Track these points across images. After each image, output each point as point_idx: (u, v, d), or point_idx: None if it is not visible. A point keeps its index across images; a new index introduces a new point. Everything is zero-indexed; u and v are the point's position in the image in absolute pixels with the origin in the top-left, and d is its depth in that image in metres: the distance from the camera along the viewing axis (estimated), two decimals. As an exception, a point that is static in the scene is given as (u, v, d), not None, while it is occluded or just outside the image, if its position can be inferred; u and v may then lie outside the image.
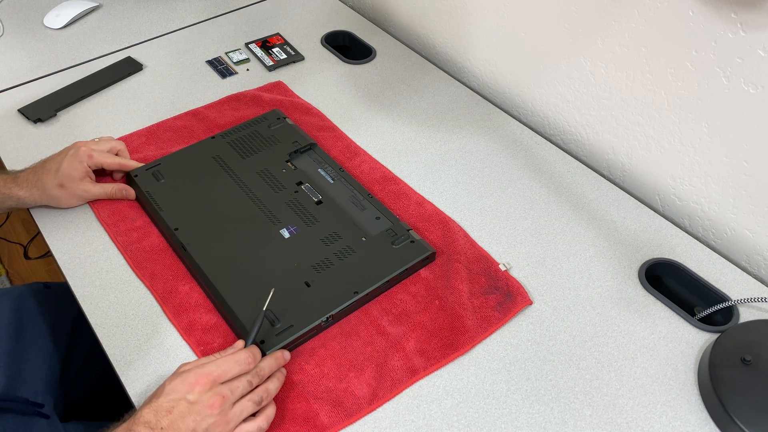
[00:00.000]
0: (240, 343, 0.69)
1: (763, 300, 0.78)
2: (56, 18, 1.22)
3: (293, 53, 1.18)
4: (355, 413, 0.68)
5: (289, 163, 0.93)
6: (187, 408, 0.58)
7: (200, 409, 0.59)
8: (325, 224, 0.84)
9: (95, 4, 1.27)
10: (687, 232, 0.89)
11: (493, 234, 0.87)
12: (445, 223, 0.87)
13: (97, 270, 0.81)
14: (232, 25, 1.25)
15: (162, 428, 0.57)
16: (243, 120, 1.01)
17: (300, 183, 0.90)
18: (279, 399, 0.68)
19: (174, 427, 0.57)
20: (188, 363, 0.64)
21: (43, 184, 0.83)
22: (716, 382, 0.69)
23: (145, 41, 1.20)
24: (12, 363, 0.83)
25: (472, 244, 0.85)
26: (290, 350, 0.73)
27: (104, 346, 0.73)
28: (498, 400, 0.70)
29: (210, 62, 1.15)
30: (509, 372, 0.73)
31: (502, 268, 0.82)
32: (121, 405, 0.68)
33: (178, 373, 0.62)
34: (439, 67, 1.16)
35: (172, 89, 1.09)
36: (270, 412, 0.65)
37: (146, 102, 1.06)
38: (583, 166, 0.98)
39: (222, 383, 0.61)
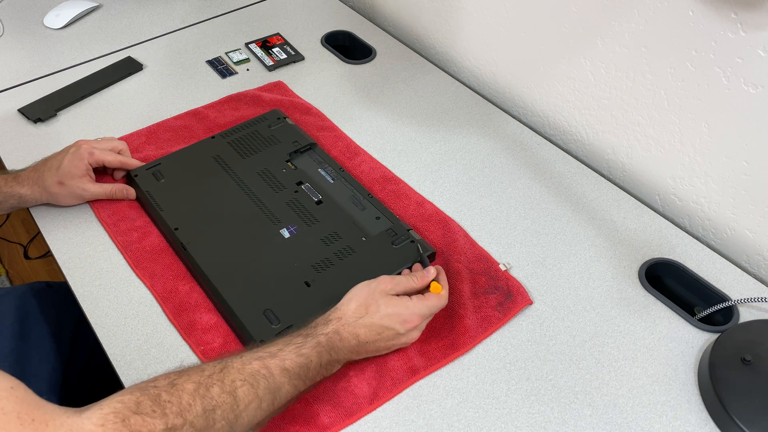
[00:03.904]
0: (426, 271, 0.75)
1: (763, 300, 0.78)
2: (56, 18, 1.22)
3: (293, 53, 1.18)
4: (355, 413, 0.68)
5: (289, 163, 0.93)
6: (393, 336, 0.69)
7: (404, 341, 0.71)
8: (325, 224, 0.84)
9: (95, 4, 1.27)
10: (687, 232, 0.89)
11: (493, 234, 0.87)
12: (445, 223, 0.87)
13: (97, 270, 0.81)
14: (232, 25, 1.25)
15: (367, 342, 0.68)
16: (243, 120, 1.01)
17: (300, 183, 0.90)
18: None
19: (375, 347, 0.69)
20: (389, 283, 0.71)
21: (43, 181, 0.83)
22: (716, 382, 0.69)
23: (145, 41, 1.20)
24: (16, 362, 0.84)
25: (472, 244, 0.85)
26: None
27: (104, 346, 0.73)
28: (498, 400, 0.70)
29: (210, 62, 1.15)
30: (509, 372, 0.73)
31: (502, 268, 0.82)
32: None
33: (389, 300, 0.69)
34: (439, 67, 1.16)
35: (172, 89, 1.09)
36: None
37: (146, 102, 1.06)
38: (583, 166, 0.98)
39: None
